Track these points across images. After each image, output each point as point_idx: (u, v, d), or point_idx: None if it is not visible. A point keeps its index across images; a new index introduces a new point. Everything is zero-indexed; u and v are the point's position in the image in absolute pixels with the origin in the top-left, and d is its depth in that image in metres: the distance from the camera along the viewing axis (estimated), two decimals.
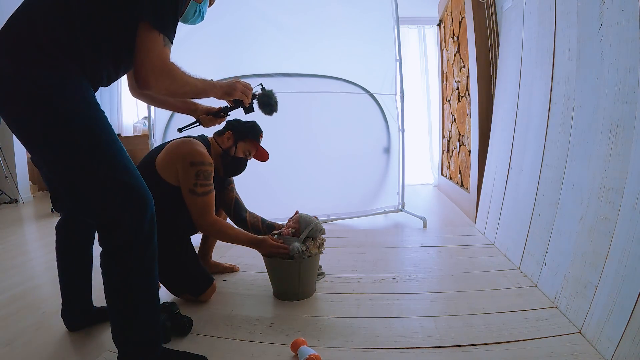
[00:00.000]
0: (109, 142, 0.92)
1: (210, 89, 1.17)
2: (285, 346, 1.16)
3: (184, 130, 1.53)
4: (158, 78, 0.93)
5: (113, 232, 0.93)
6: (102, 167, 0.90)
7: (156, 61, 0.92)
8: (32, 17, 0.88)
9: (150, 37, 0.90)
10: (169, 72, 0.96)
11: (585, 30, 1.36)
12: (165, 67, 0.94)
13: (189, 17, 1.15)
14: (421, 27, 4.63)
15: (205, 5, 1.18)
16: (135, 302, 0.96)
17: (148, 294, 0.99)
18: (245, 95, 1.28)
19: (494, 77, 2.55)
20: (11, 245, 2.61)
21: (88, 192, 0.92)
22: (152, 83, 0.93)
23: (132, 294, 0.96)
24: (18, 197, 4.42)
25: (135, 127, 5.50)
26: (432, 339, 1.20)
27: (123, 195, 0.92)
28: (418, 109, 4.66)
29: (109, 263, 0.95)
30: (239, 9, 2.64)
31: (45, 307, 1.52)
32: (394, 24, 2.85)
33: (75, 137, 0.88)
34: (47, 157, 0.92)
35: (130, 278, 0.94)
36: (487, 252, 2.02)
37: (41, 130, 0.87)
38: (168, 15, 0.93)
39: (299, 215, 1.59)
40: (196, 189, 1.41)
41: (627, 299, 0.99)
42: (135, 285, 0.95)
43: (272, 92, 1.45)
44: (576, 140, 1.39)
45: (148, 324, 1.00)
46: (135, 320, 0.97)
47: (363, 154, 2.93)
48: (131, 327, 0.98)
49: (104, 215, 0.93)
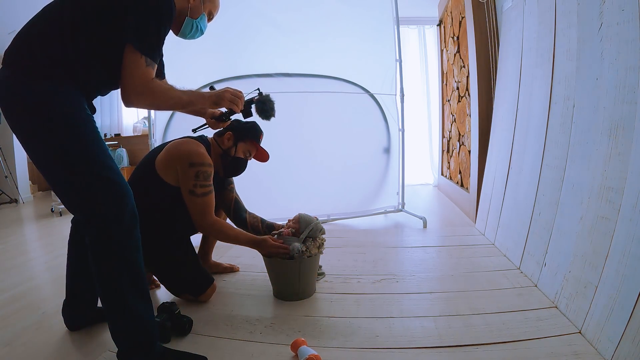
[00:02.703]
0: (90, 143, 1.00)
1: (197, 100, 1.19)
2: (285, 346, 1.16)
3: (198, 131, 1.52)
4: (139, 97, 1.03)
5: (95, 225, 0.99)
6: (83, 165, 0.98)
7: (137, 82, 1.00)
8: (31, 32, 0.99)
9: (132, 59, 0.99)
10: (150, 91, 1.03)
11: (585, 30, 1.36)
12: (146, 87, 1.02)
13: (187, 33, 1.22)
14: (421, 27, 4.63)
15: (202, 20, 1.23)
16: (123, 295, 1.00)
17: (135, 288, 1.03)
18: (235, 104, 1.26)
19: (494, 77, 2.55)
20: (11, 245, 2.61)
21: (70, 187, 1.00)
22: (134, 101, 1.03)
23: (118, 286, 1.00)
24: (18, 197, 4.42)
25: (135, 127, 5.51)
26: (432, 339, 1.20)
27: (103, 190, 0.99)
28: (418, 109, 4.66)
29: (93, 255, 1.01)
30: (238, 9, 2.64)
31: (45, 307, 1.52)
32: (394, 24, 2.85)
33: (60, 138, 0.97)
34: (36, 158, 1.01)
35: (115, 270, 1.00)
36: (487, 252, 2.02)
37: (31, 132, 0.98)
38: (151, 37, 1.01)
39: (299, 216, 1.59)
40: (196, 189, 1.41)
41: (627, 299, 0.99)
42: (120, 277, 1.00)
43: (269, 97, 1.43)
44: (576, 140, 1.39)
45: (140, 319, 1.03)
46: (126, 314, 1.01)
47: (363, 154, 2.93)
48: (122, 322, 1.02)
49: (86, 209, 1.00)
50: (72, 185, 1.00)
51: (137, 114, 5.78)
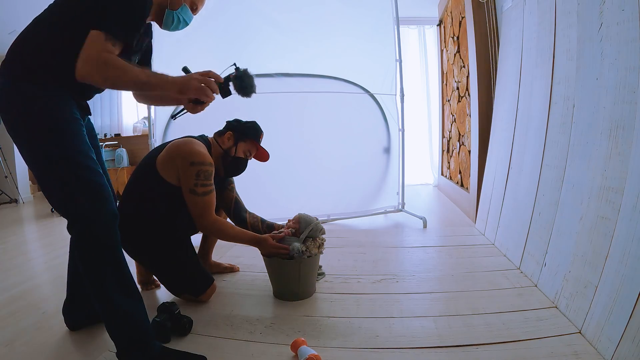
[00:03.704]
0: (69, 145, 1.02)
1: (161, 84, 1.09)
2: (285, 346, 1.16)
3: (177, 117, 1.44)
4: (92, 67, 0.98)
5: (76, 226, 1.02)
6: (62, 166, 1.01)
7: (91, 51, 0.97)
8: (23, 39, 1.04)
9: (93, 34, 0.98)
10: (104, 62, 0.98)
11: (585, 30, 1.36)
12: (100, 57, 0.98)
13: (169, 25, 1.21)
14: (421, 27, 4.63)
15: (184, 11, 1.20)
16: (110, 295, 1.02)
17: (121, 287, 1.04)
18: (204, 94, 1.13)
19: (494, 77, 2.55)
20: (11, 245, 2.61)
21: (52, 188, 1.04)
22: (84, 71, 0.98)
23: (104, 286, 1.02)
24: (18, 197, 4.42)
25: (135, 127, 5.50)
26: (432, 339, 1.20)
27: (82, 190, 1.01)
28: (418, 109, 4.65)
29: (78, 256, 1.03)
30: (238, 9, 2.64)
31: (45, 307, 1.52)
32: (394, 24, 2.85)
33: (40, 140, 1.01)
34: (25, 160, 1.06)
35: (99, 270, 1.02)
36: (487, 252, 2.02)
37: (17, 134, 1.03)
38: (117, 18, 1.01)
39: (299, 216, 1.59)
40: (197, 189, 1.41)
41: (627, 299, 0.99)
42: (105, 277, 1.02)
43: (247, 72, 1.28)
44: (576, 140, 1.39)
45: (130, 317, 1.04)
46: (115, 314, 1.03)
47: (363, 154, 2.93)
48: (113, 321, 1.04)
49: (66, 209, 1.03)
50: (54, 186, 1.03)
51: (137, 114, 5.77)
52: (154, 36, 1.32)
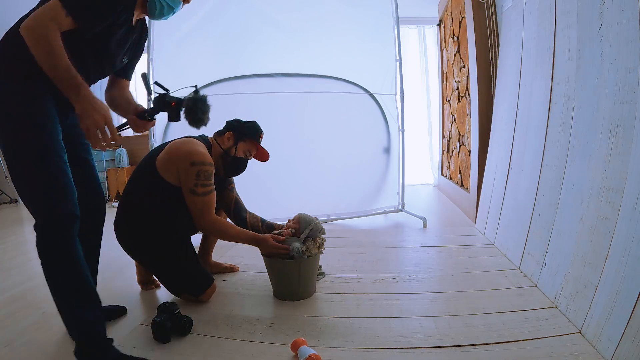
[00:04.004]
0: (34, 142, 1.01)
1: (73, 89, 0.97)
2: (285, 346, 1.16)
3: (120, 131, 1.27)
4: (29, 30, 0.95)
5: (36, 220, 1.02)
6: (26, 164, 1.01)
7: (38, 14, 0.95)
8: (6, 38, 1.05)
9: (47, 4, 0.96)
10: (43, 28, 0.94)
11: (585, 30, 1.36)
12: (41, 23, 0.94)
13: (155, 13, 1.18)
14: (421, 27, 4.63)
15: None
16: (64, 295, 1.04)
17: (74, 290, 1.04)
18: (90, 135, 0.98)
19: (494, 77, 2.55)
20: (11, 245, 2.61)
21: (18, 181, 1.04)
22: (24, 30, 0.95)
23: (57, 285, 1.04)
24: (18, 197, 4.42)
25: None
26: (432, 339, 1.20)
27: (45, 187, 1.01)
28: (418, 109, 4.66)
29: (39, 256, 1.03)
30: (239, 9, 2.64)
31: (45, 307, 1.52)
32: (394, 24, 2.85)
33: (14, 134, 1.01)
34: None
35: (52, 267, 1.03)
36: (487, 252, 2.02)
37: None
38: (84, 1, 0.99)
39: (299, 216, 1.60)
40: (197, 189, 1.41)
41: (627, 299, 0.99)
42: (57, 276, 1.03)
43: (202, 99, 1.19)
44: (576, 140, 1.39)
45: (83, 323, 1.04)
46: (68, 315, 1.05)
47: (363, 154, 2.93)
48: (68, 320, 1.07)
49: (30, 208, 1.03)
50: (20, 182, 1.04)
51: None
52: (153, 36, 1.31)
